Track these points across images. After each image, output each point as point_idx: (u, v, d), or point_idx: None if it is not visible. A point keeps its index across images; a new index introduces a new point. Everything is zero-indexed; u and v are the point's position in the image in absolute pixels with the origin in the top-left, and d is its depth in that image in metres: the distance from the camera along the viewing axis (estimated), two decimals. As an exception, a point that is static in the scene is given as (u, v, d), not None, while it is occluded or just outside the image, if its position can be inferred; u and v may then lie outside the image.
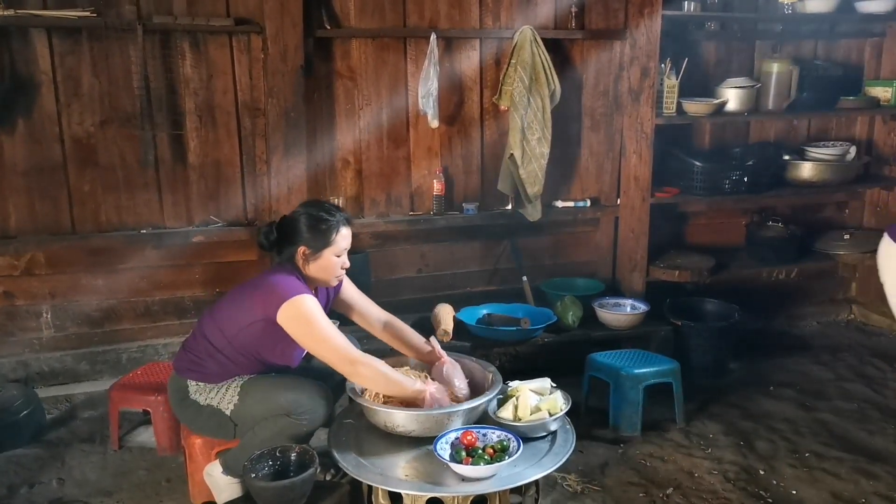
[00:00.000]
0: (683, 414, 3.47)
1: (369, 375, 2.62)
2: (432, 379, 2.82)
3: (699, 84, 4.40)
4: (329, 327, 2.62)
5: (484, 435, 2.60)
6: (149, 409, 3.26)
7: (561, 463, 2.55)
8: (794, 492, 2.96)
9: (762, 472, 3.09)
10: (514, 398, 2.77)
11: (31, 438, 3.39)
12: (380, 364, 2.64)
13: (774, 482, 3.02)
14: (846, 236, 4.77)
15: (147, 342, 3.97)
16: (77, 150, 3.68)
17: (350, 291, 3.00)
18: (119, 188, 3.78)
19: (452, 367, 2.86)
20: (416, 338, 2.97)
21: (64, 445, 3.37)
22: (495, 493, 2.46)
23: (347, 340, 2.66)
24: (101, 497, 2.97)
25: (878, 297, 4.77)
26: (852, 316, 5.02)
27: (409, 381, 2.67)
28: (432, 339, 2.94)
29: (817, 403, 3.72)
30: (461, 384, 2.82)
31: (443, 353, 2.89)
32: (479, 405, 2.67)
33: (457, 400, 2.74)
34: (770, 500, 2.89)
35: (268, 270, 2.77)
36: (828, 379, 4.01)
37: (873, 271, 4.78)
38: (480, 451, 2.52)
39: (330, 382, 2.79)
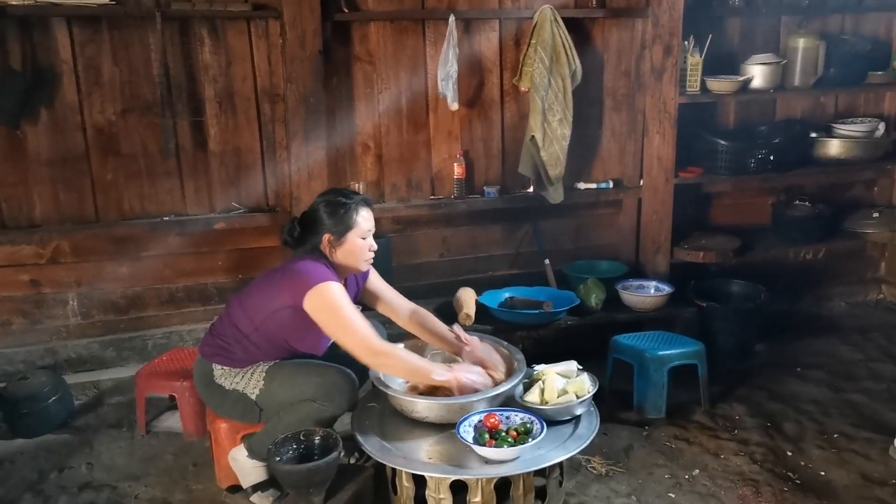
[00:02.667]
0: (709, 396, 3.43)
1: (392, 365, 2.63)
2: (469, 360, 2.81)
3: (724, 61, 4.32)
4: (354, 316, 2.61)
5: (507, 418, 2.60)
6: (175, 394, 3.29)
7: (585, 445, 2.53)
8: (823, 473, 2.92)
9: (790, 454, 3.05)
10: (540, 381, 2.76)
11: (61, 424, 3.44)
12: (403, 353, 2.64)
13: (802, 463, 2.98)
14: (875, 214, 4.68)
15: (172, 329, 4.01)
16: (99, 139, 3.70)
17: (376, 282, 2.99)
18: (141, 176, 3.80)
19: (485, 347, 2.84)
20: (441, 327, 2.94)
21: (92, 431, 3.41)
22: (519, 475, 2.45)
23: (372, 330, 2.65)
24: (129, 481, 3.01)
25: (908, 276, 4.71)
26: (881, 296, 4.93)
27: (435, 370, 2.64)
28: (455, 326, 2.92)
29: (846, 384, 3.66)
30: (497, 362, 2.80)
31: (469, 336, 2.87)
32: (503, 391, 2.65)
33: (493, 378, 2.72)
34: (798, 482, 2.85)
35: (296, 257, 2.77)
36: (857, 360, 3.94)
37: (903, 250, 4.72)
38: (504, 434, 2.51)
39: (355, 368, 2.79)
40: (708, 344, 3.52)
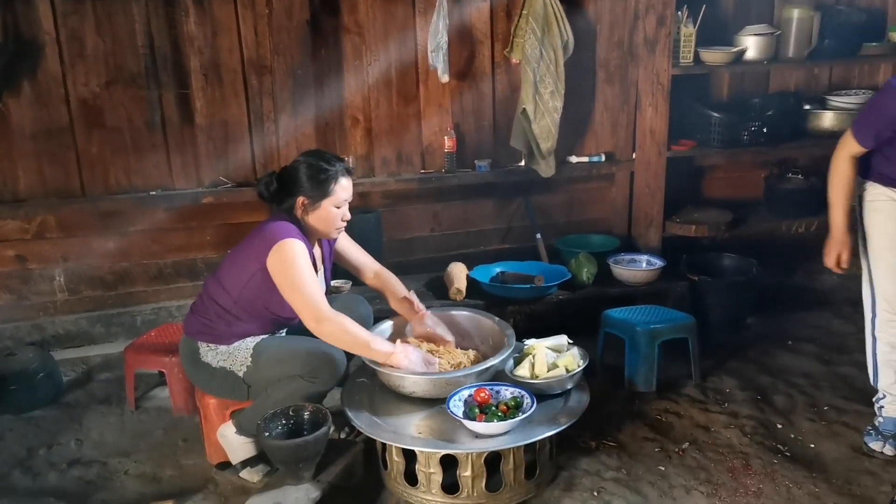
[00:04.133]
0: (699, 369, 3.43)
1: (334, 333, 2.56)
2: (414, 334, 2.85)
3: (717, 32, 4.26)
4: (308, 277, 2.56)
5: (497, 392, 2.59)
6: (164, 370, 3.28)
7: (576, 420, 2.52)
8: (812, 445, 2.92)
9: (780, 427, 3.06)
10: (530, 356, 2.74)
11: (49, 400, 3.42)
12: (348, 323, 2.57)
13: (792, 436, 2.99)
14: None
15: (161, 304, 3.97)
16: (83, 112, 3.64)
17: (343, 242, 2.97)
18: (127, 150, 3.74)
19: (434, 320, 2.85)
20: (400, 291, 2.93)
21: (81, 407, 3.40)
22: (509, 449, 2.45)
23: (322, 295, 2.59)
24: (118, 457, 2.99)
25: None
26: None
27: (377, 343, 2.60)
28: (411, 293, 2.90)
29: (837, 357, 3.66)
30: (444, 334, 2.83)
31: (422, 306, 2.86)
32: (491, 366, 2.64)
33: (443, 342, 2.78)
34: (787, 454, 2.86)
35: (264, 222, 2.73)
36: (848, 332, 3.94)
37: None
38: (494, 408, 2.50)
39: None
40: (699, 317, 3.52)
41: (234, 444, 2.75)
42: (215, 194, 3.82)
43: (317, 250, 2.81)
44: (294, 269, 2.55)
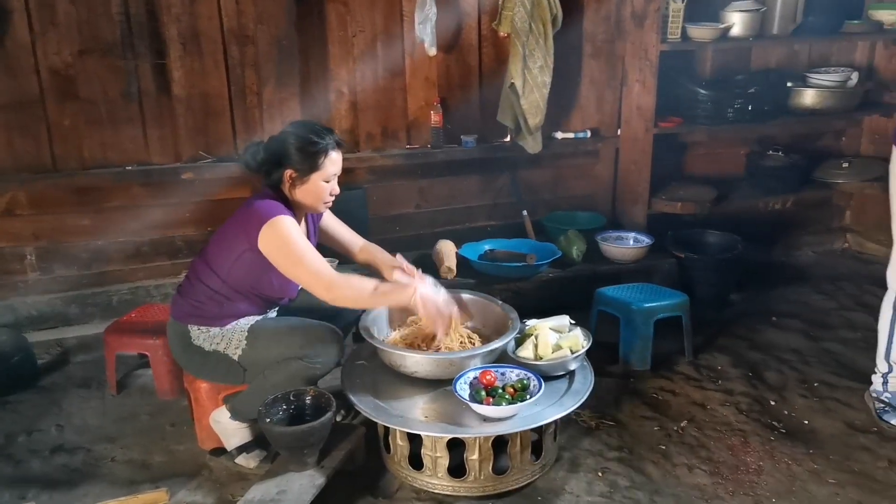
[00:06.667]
0: (692, 347, 3.44)
1: (351, 296, 2.50)
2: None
3: (702, 8, 4.22)
4: (307, 249, 2.49)
5: (503, 374, 2.55)
6: (147, 352, 3.16)
7: (582, 401, 2.50)
8: (807, 422, 2.96)
9: (773, 403, 3.09)
10: (533, 337, 2.70)
11: (25, 385, 3.28)
12: (357, 280, 2.51)
13: (786, 412, 3.02)
14: (845, 165, 4.71)
15: (138, 283, 3.82)
16: (55, 83, 3.46)
17: (328, 220, 2.88)
18: (102, 122, 3.57)
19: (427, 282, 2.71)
20: (387, 257, 2.86)
21: (59, 391, 3.27)
22: (517, 432, 2.41)
23: (325, 263, 2.52)
24: (104, 443, 2.88)
25: (873, 225, 4.78)
26: (847, 245, 5.01)
27: (393, 286, 2.57)
28: (398, 255, 2.81)
29: (822, 333, 3.71)
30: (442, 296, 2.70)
31: (413, 267, 2.76)
32: (498, 347, 2.59)
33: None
34: (783, 431, 2.88)
35: (248, 199, 2.63)
36: (830, 308, 4.00)
37: (869, 199, 4.78)
38: (501, 391, 2.46)
39: (339, 323, 2.70)
40: (686, 294, 3.51)
41: (228, 429, 2.66)
42: (195, 170, 3.68)
43: (302, 226, 2.72)
44: (290, 244, 2.46)
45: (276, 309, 2.78)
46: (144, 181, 3.67)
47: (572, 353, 2.63)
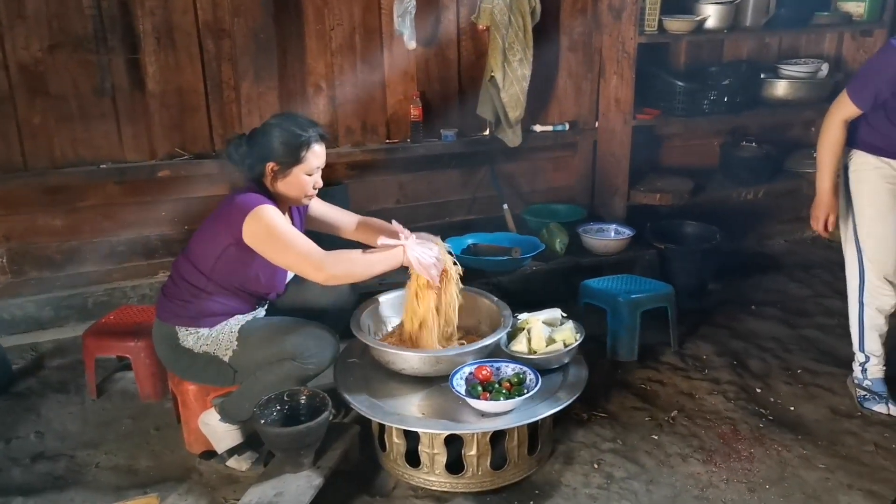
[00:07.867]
0: (677, 337, 3.47)
1: (343, 271, 2.46)
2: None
3: (674, 1, 4.24)
4: (293, 233, 2.44)
5: (498, 369, 2.54)
6: (129, 355, 3.07)
7: (578, 395, 2.51)
8: (792, 408, 3.00)
9: (759, 391, 3.13)
10: (525, 331, 2.70)
11: (0, 390, 3.18)
12: (347, 253, 2.48)
13: (772, 400, 3.06)
14: (814, 154, 4.77)
15: (114, 285, 3.73)
16: (24, 78, 3.35)
17: (317, 206, 2.83)
18: (73, 119, 3.48)
19: (422, 240, 2.67)
20: (386, 224, 2.80)
21: (36, 397, 3.16)
22: (514, 427, 2.41)
23: (313, 244, 2.47)
24: (87, 449, 2.80)
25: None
26: (815, 233, 5.08)
27: (382, 253, 2.53)
28: (394, 222, 2.75)
29: (800, 321, 3.77)
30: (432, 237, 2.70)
31: (400, 227, 2.70)
32: (490, 343, 2.58)
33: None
34: (771, 418, 2.92)
35: (229, 195, 2.58)
36: (806, 296, 4.07)
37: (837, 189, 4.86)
38: (497, 386, 2.45)
39: (330, 323, 2.66)
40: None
41: (218, 431, 2.61)
42: (171, 167, 3.60)
43: (287, 218, 2.67)
44: (275, 232, 2.41)
45: (265, 306, 2.73)
46: (118, 179, 3.58)
47: (566, 346, 2.64)
